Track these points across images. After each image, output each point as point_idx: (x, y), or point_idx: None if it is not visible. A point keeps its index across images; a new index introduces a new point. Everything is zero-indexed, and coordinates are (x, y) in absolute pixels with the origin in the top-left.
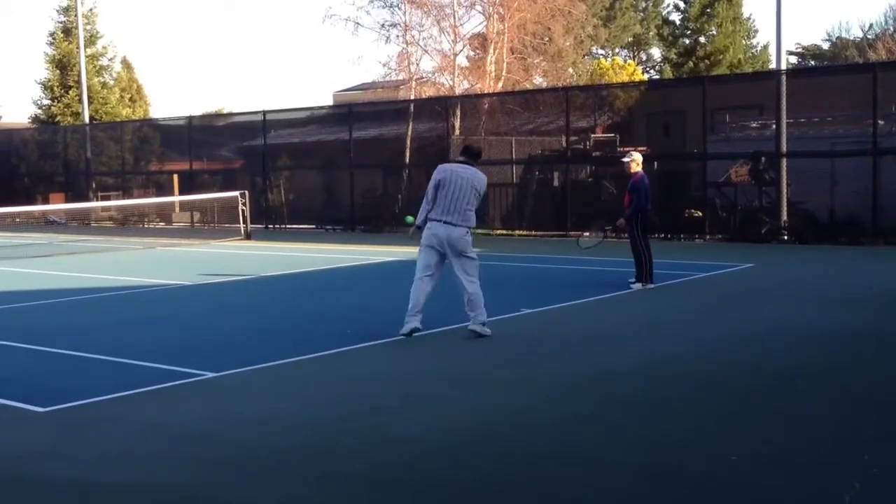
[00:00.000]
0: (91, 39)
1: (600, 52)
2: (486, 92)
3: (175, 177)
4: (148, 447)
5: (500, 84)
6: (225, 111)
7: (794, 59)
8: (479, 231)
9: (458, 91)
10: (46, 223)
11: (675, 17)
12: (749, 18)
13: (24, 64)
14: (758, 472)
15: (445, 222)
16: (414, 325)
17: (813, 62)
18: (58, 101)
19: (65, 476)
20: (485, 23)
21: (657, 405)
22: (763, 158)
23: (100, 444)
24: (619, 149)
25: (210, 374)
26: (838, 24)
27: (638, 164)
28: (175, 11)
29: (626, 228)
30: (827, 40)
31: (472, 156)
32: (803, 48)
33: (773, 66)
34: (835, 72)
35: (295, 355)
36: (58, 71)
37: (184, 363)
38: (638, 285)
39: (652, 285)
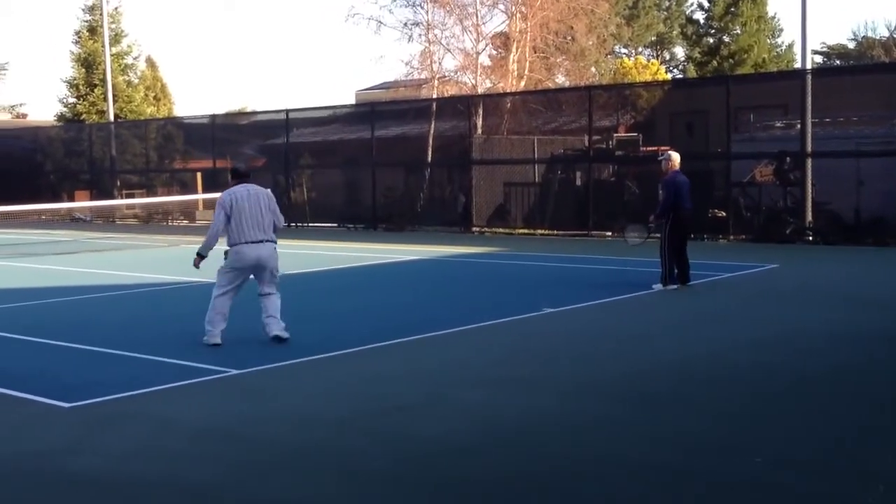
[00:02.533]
0: (116, 38)
1: (623, 51)
2: (508, 91)
3: (198, 175)
4: (170, 443)
5: (522, 83)
6: (248, 110)
7: (819, 59)
8: (501, 230)
9: (480, 90)
10: (72, 220)
11: (699, 16)
12: (774, 17)
13: (51, 62)
14: (780, 473)
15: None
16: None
17: (838, 61)
18: (83, 100)
19: (88, 471)
20: (507, 21)
21: (679, 405)
22: (788, 158)
23: (123, 440)
24: (641, 148)
25: (232, 371)
26: (864, 23)
27: (673, 164)
28: (199, 10)
29: (656, 226)
30: (852, 39)
31: (243, 176)
32: (828, 47)
33: (797, 65)
34: (860, 71)
35: (315, 353)
36: (83, 69)
37: (205, 360)
38: (658, 286)
39: (674, 286)
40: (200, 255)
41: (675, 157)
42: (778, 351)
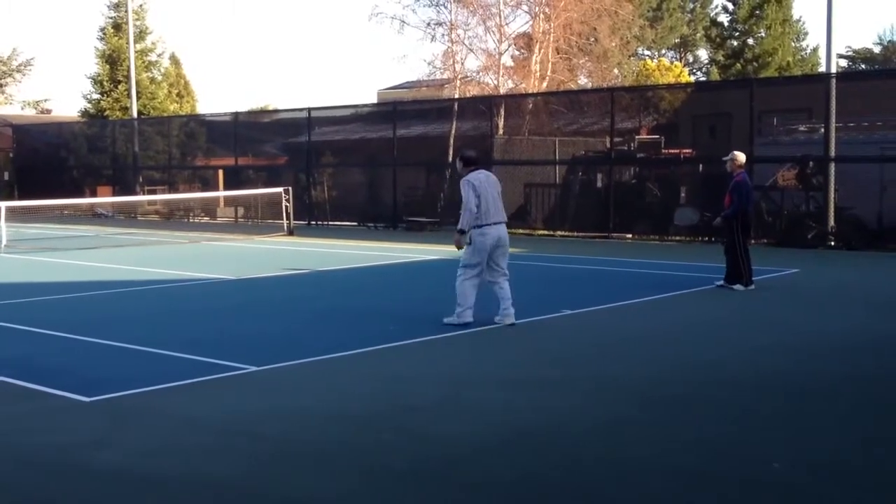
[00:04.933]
0: (140, 35)
1: (646, 52)
2: (530, 92)
3: (220, 172)
4: (189, 439)
5: (544, 84)
6: (270, 108)
7: (844, 63)
8: (520, 231)
9: (502, 90)
10: (94, 216)
11: (724, 19)
12: (799, 20)
13: (75, 58)
14: (799, 477)
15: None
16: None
17: (863, 65)
18: (107, 96)
19: (109, 465)
20: (530, 22)
21: (698, 408)
22: (811, 162)
23: (142, 435)
24: (663, 150)
25: (251, 368)
26: (890, 27)
27: (739, 165)
28: (223, 8)
29: (722, 228)
30: (878, 44)
31: (475, 162)
32: (854, 51)
33: (822, 69)
34: (886, 76)
35: (335, 351)
36: (107, 66)
37: (226, 356)
38: (739, 286)
39: (752, 286)
40: (461, 232)
41: (741, 156)
42: (798, 355)
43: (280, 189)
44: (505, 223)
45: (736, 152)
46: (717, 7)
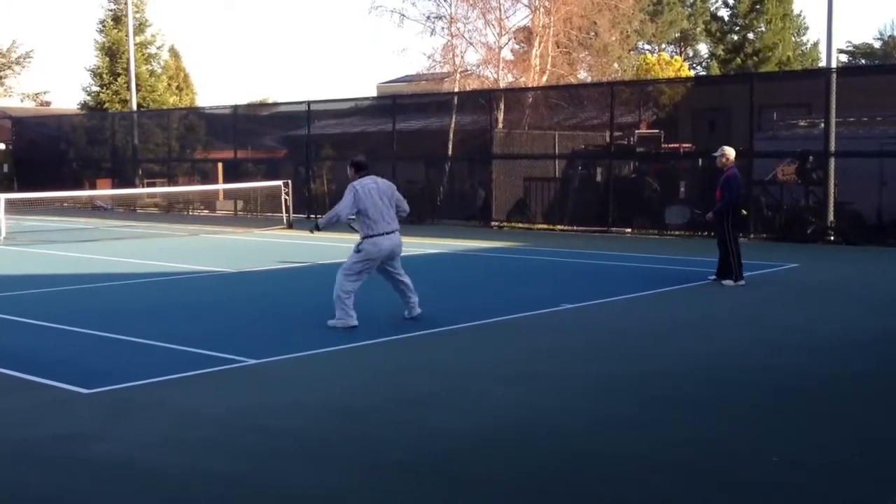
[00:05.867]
0: (140, 27)
1: (646, 47)
2: (530, 86)
3: (219, 165)
4: (188, 432)
5: (544, 78)
6: (270, 101)
7: (844, 58)
8: (520, 225)
9: (502, 84)
10: (93, 208)
11: (724, 13)
12: (799, 15)
13: (75, 51)
14: (794, 475)
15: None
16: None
17: (864, 61)
18: (106, 88)
19: (107, 457)
20: (530, 16)
21: (694, 404)
22: (811, 157)
23: (141, 428)
24: (663, 145)
25: (251, 361)
26: (891, 22)
27: (730, 160)
28: (222, 1)
29: (713, 223)
30: (878, 39)
31: (364, 168)
32: (854, 46)
33: (822, 63)
34: (886, 71)
35: (334, 345)
36: (107, 58)
37: (225, 349)
38: (729, 282)
39: (743, 282)
40: (318, 227)
41: (731, 152)
42: (796, 351)
43: (279, 182)
44: (397, 231)
45: (726, 148)
46: (717, 1)
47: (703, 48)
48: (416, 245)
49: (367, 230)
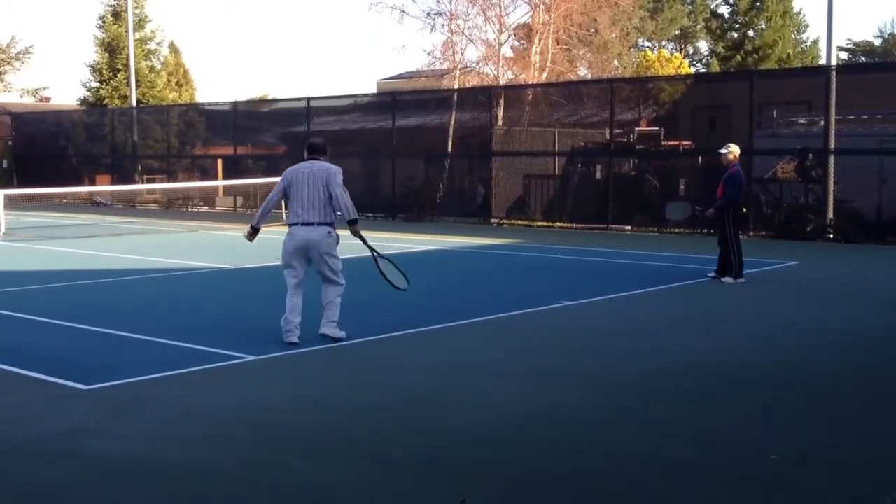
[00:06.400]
0: (140, 23)
1: (647, 44)
2: (530, 82)
3: (219, 161)
4: (188, 427)
5: (544, 75)
6: (269, 97)
7: (844, 55)
8: (520, 222)
9: (502, 81)
10: (92, 204)
11: (724, 10)
12: (799, 13)
13: (74, 46)
14: (794, 471)
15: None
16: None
17: (864, 58)
18: (106, 84)
19: (106, 453)
20: (530, 13)
21: (694, 401)
22: (810, 155)
23: (140, 423)
24: (663, 142)
25: (250, 357)
26: (890, 20)
27: (736, 157)
28: None
29: (714, 219)
30: (878, 36)
31: (319, 151)
32: (854, 44)
33: (822, 61)
34: (886, 68)
35: (333, 341)
36: (107, 54)
37: (225, 346)
38: (729, 279)
39: (742, 280)
40: (253, 229)
41: (737, 149)
42: (796, 349)
43: (279, 178)
44: (317, 224)
45: (732, 145)
46: None
47: (704, 45)
48: (415, 242)
49: (287, 219)
